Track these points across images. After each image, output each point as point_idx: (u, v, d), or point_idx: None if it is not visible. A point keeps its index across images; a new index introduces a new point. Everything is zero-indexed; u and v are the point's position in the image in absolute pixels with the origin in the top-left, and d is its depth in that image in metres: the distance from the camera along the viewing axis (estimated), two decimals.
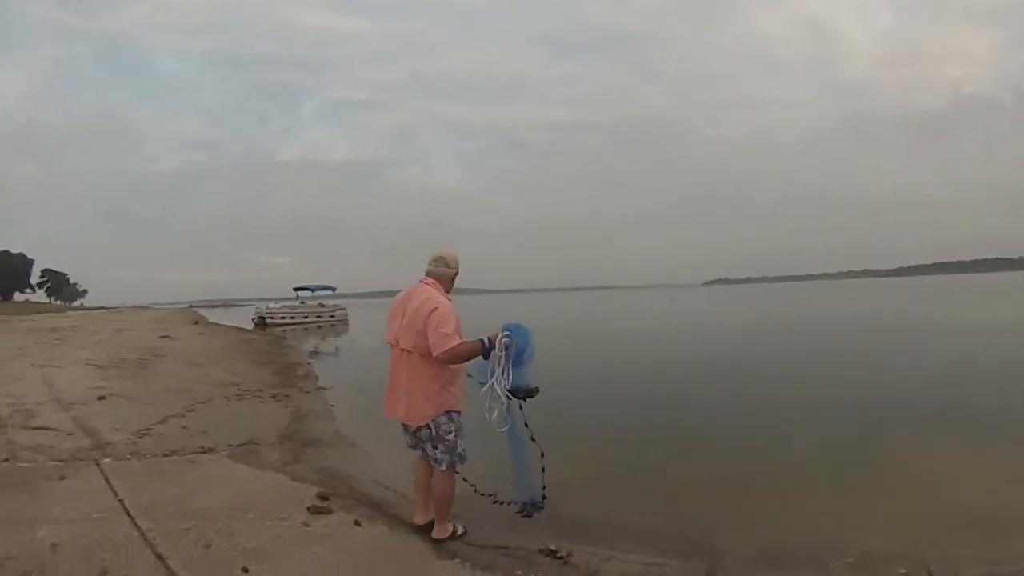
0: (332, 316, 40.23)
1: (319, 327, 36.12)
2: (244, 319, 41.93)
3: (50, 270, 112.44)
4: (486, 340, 3.66)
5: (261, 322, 36.00)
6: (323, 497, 4.54)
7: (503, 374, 3.65)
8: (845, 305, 43.14)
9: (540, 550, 3.66)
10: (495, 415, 3.70)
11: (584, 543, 3.90)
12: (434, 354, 3.63)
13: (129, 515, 3.99)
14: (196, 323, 39.82)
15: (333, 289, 43.53)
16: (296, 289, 41.71)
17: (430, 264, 3.99)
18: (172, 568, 3.19)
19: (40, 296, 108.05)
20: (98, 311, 69.99)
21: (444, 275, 3.98)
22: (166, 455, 5.92)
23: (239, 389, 10.29)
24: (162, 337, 23.05)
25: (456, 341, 3.60)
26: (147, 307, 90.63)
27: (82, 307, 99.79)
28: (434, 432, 3.78)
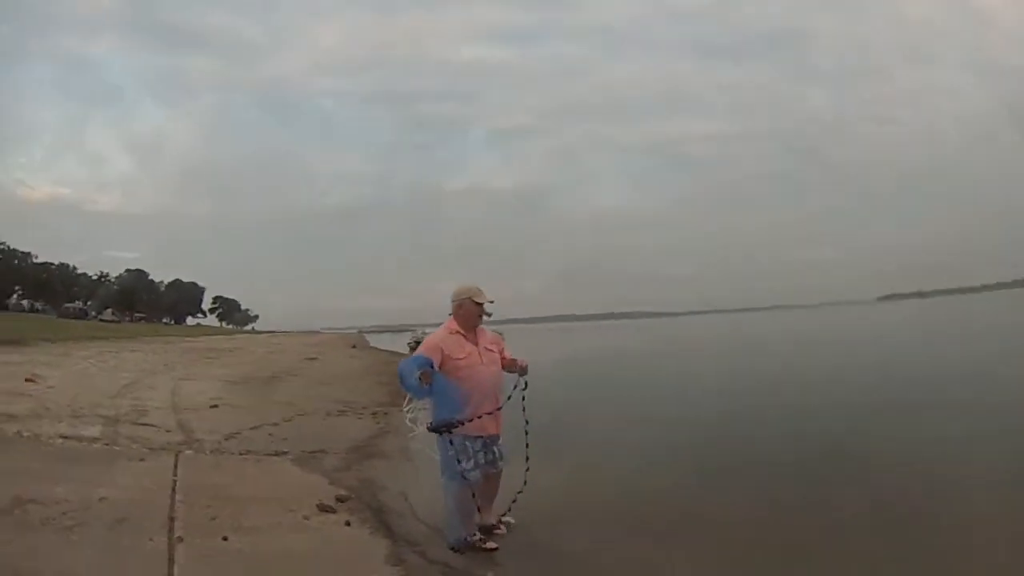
0: None
1: None
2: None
3: (221, 296, 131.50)
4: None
5: (416, 346, 39.13)
6: (340, 499, 5.57)
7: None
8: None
9: None
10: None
11: None
12: None
13: (173, 490, 5.29)
14: (353, 347, 43.89)
15: (488, 315, 46.22)
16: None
17: None
18: (174, 527, 4.35)
19: (211, 321, 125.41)
20: (265, 335, 78.45)
21: (453, 310, 5.13)
22: (241, 454, 7.38)
23: (345, 406, 11.84)
24: (309, 359, 26.07)
25: None
26: (317, 332, 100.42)
27: (252, 331, 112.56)
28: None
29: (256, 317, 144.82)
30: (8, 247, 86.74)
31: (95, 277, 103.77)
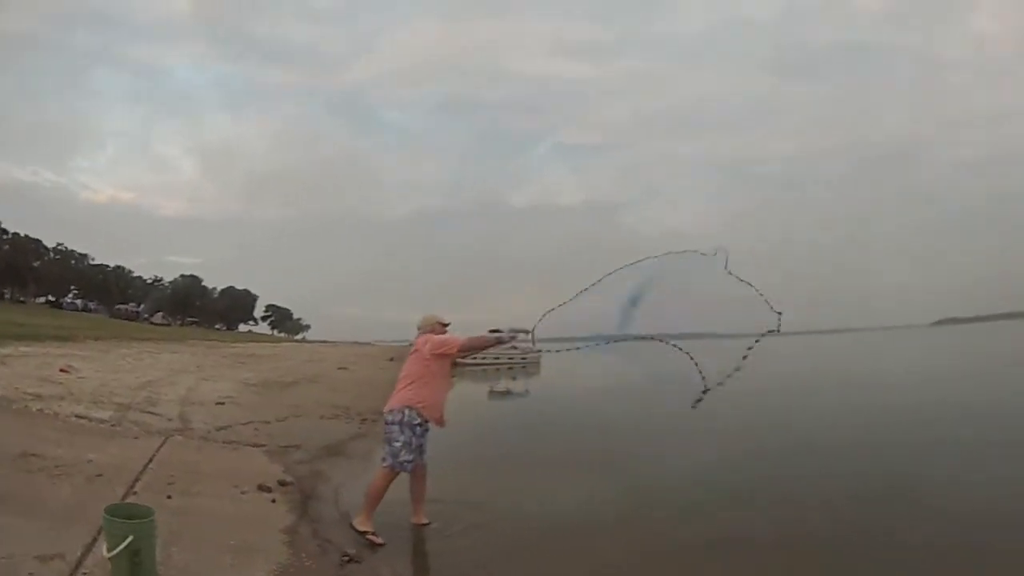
0: (524, 359, 43.80)
1: (510, 368, 39.80)
2: None
3: (274, 305, 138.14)
4: None
5: (454, 361, 40.37)
6: (282, 483, 6.84)
7: None
8: None
9: (342, 552, 5.13)
10: None
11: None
12: None
13: (149, 461, 6.66)
14: (391, 359, 45.28)
15: (528, 332, 47.66)
16: (491, 331, 46.19)
17: None
18: (135, 485, 5.71)
19: (264, 328, 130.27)
20: (314, 344, 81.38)
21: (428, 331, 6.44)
22: (225, 442, 8.78)
23: (341, 411, 13.33)
24: (340, 368, 27.75)
25: None
26: (370, 343, 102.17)
27: (303, 340, 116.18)
28: None
29: (308, 327, 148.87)
30: (65, 248, 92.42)
31: (150, 281, 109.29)
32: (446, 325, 6.67)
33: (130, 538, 3.38)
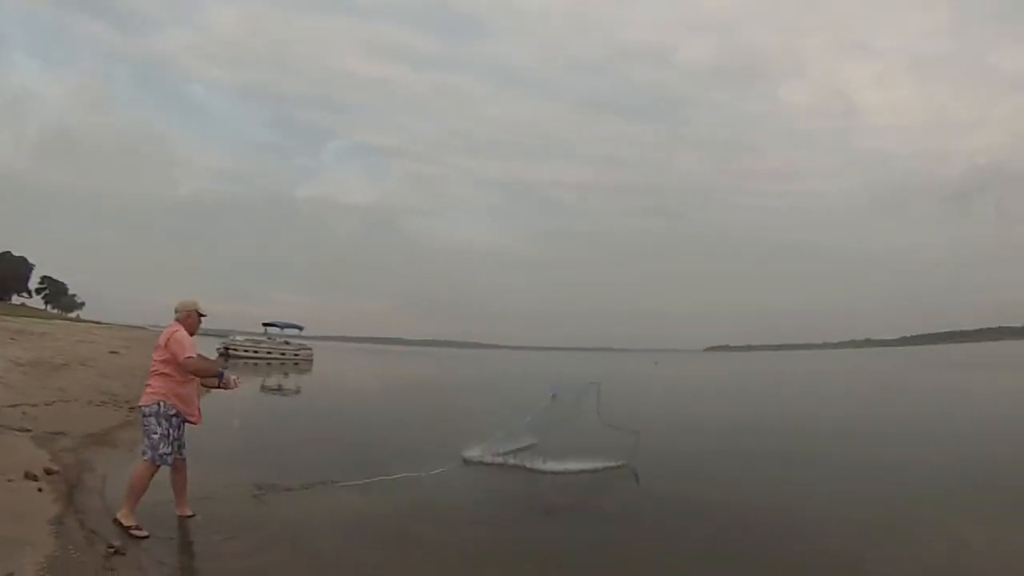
0: (296, 355, 43.98)
1: (281, 364, 39.57)
2: None
3: (49, 278, 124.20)
4: None
5: (225, 352, 39.33)
6: (48, 472, 6.82)
7: None
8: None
9: (108, 543, 5.19)
10: None
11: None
12: None
13: None
14: None
15: (300, 329, 47.91)
16: (265, 324, 45.85)
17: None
18: None
19: (37, 302, 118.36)
20: (87, 324, 75.24)
21: (181, 318, 6.26)
22: None
23: (109, 398, 13.36)
24: (111, 352, 26.55)
25: None
26: (143, 327, 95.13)
27: (78, 319, 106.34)
28: None
29: (83, 304, 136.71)
30: None
31: None
32: (203, 316, 6.45)
33: None
